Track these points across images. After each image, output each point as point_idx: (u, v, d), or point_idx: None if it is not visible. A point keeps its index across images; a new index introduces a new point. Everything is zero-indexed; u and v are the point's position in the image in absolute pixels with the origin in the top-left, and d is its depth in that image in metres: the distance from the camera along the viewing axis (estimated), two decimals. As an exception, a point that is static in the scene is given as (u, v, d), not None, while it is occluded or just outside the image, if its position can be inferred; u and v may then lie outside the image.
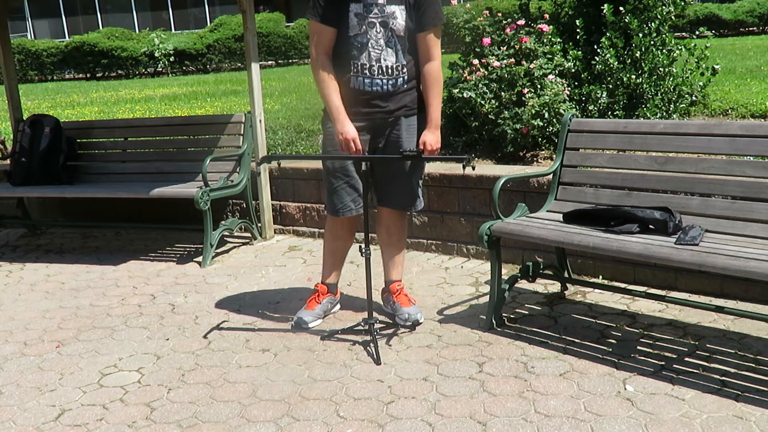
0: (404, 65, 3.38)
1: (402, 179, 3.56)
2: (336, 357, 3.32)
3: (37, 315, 4.13)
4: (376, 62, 3.34)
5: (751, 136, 3.25)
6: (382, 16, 3.30)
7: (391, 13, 3.30)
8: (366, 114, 3.42)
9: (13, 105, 6.15)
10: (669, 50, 5.32)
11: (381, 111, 3.42)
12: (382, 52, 3.33)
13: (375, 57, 3.33)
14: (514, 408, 2.79)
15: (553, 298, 3.92)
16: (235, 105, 9.23)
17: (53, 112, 9.34)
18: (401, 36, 3.33)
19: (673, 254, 2.95)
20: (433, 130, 3.44)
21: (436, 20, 3.35)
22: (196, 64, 20.75)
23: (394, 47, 3.34)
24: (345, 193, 3.54)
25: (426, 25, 3.33)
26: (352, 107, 3.41)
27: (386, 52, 3.34)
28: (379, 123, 3.45)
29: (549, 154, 4.96)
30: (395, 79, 3.38)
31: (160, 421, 2.85)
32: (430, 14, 3.32)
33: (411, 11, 3.32)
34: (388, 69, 3.35)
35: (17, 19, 27.87)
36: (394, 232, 3.70)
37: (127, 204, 5.85)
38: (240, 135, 5.30)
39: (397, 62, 3.36)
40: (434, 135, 3.44)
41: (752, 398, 2.75)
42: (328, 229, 3.76)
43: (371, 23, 3.31)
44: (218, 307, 4.08)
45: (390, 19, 3.30)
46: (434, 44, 3.38)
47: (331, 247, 3.77)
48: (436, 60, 3.39)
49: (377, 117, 3.43)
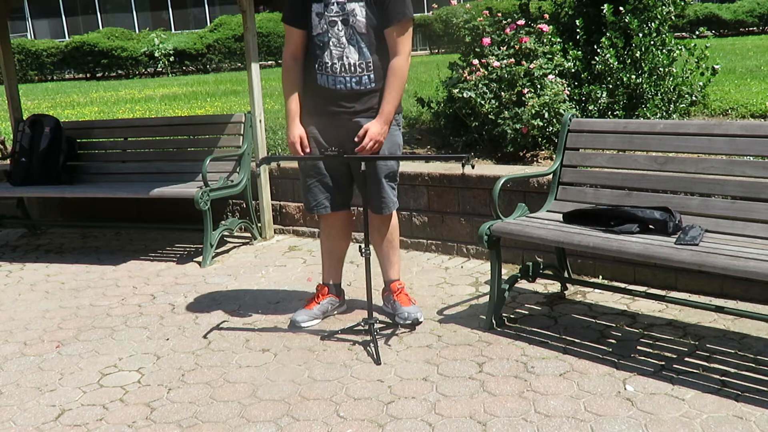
0: (369, 63, 3.35)
1: (370, 182, 3.49)
2: (336, 357, 3.32)
3: (37, 315, 4.13)
4: (339, 60, 3.33)
5: (751, 136, 3.25)
6: (343, 13, 3.30)
7: (351, 10, 3.29)
8: (333, 114, 3.40)
9: (13, 105, 6.15)
10: (669, 50, 5.32)
11: (347, 111, 3.38)
12: (344, 50, 3.33)
13: (337, 55, 3.33)
14: (514, 408, 2.79)
15: (553, 298, 3.92)
16: (235, 105, 9.23)
17: (53, 112, 9.34)
18: (363, 33, 3.31)
19: (673, 254, 2.95)
20: (379, 121, 3.34)
21: (400, 15, 3.30)
22: (196, 64, 20.77)
23: (357, 45, 3.33)
24: (318, 191, 3.57)
25: (390, 21, 3.30)
26: (320, 106, 3.41)
27: (349, 50, 3.33)
28: (346, 124, 3.41)
29: (549, 154, 4.97)
30: (359, 77, 3.35)
31: (160, 421, 2.85)
32: (393, 9, 3.29)
33: (373, 7, 3.30)
34: (351, 66, 3.34)
35: (17, 19, 27.87)
36: (383, 232, 3.67)
37: (127, 204, 5.85)
38: (240, 135, 5.30)
39: (360, 59, 3.34)
40: (378, 125, 3.34)
41: (752, 398, 2.75)
42: (321, 230, 3.79)
43: (332, 21, 3.31)
44: (218, 307, 4.08)
45: (350, 16, 3.30)
46: (400, 40, 3.32)
47: (326, 248, 3.78)
48: (401, 55, 3.33)
49: (344, 117, 3.40)
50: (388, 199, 3.56)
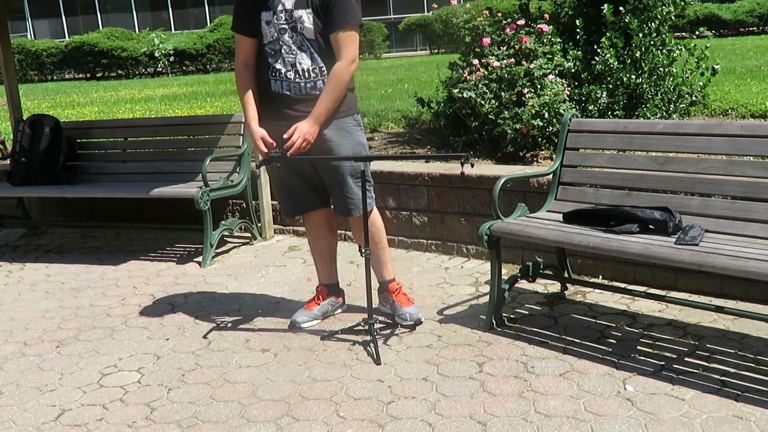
0: (323, 68, 3.35)
1: (335, 185, 3.49)
2: (336, 357, 3.32)
3: (37, 315, 4.13)
4: (292, 66, 3.35)
5: (751, 136, 3.25)
6: (291, 21, 3.32)
7: (298, 17, 3.31)
8: (289, 118, 3.38)
9: (13, 105, 6.15)
10: (669, 50, 5.32)
11: (303, 116, 3.35)
12: (297, 57, 3.34)
13: (290, 62, 3.35)
14: (514, 408, 2.79)
15: (553, 298, 3.92)
16: (235, 105, 9.24)
17: (53, 112, 9.35)
18: (313, 39, 3.33)
19: (673, 254, 2.95)
20: (309, 121, 3.32)
21: (343, 22, 3.30)
22: (196, 64, 20.78)
23: (308, 50, 3.34)
24: (287, 195, 3.67)
25: (333, 27, 3.31)
26: (275, 112, 3.41)
27: (301, 56, 3.34)
28: None
29: (549, 154, 4.97)
30: (313, 81, 3.36)
31: (160, 421, 2.85)
32: (337, 16, 3.29)
33: (319, 13, 3.31)
34: (305, 72, 3.35)
35: (17, 19, 27.88)
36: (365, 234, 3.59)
37: (127, 204, 5.85)
38: (240, 135, 5.30)
39: (313, 65, 3.35)
40: (308, 125, 3.30)
41: (752, 398, 2.75)
42: (307, 232, 3.81)
43: (282, 29, 3.33)
44: (218, 307, 4.08)
45: (298, 23, 3.31)
46: (344, 45, 3.31)
47: (316, 249, 3.79)
48: (343, 60, 3.31)
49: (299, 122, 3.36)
50: (356, 200, 3.47)
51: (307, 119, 3.33)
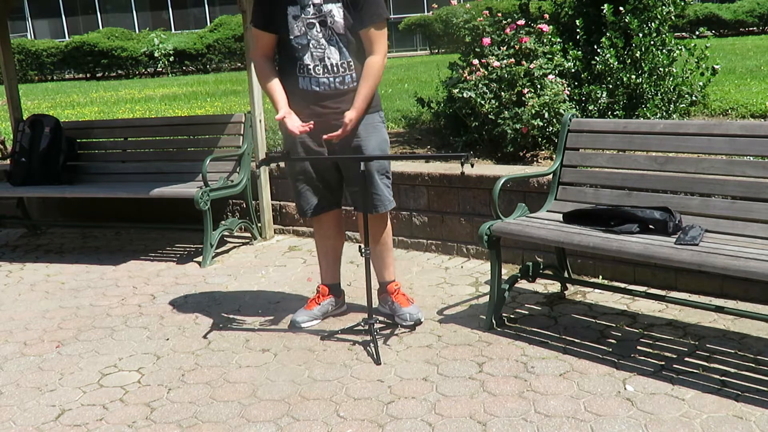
0: (351, 62, 3.36)
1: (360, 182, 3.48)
2: (336, 357, 3.32)
3: (37, 315, 4.13)
4: (320, 61, 3.34)
5: (751, 136, 3.25)
6: (320, 15, 3.31)
7: (328, 11, 3.31)
8: (319, 115, 3.39)
9: (13, 105, 6.15)
10: (669, 50, 5.32)
11: (333, 112, 3.38)
12: (325, 51, 3.34)
13: (318, 56, 3.34)
14: (514, 408, 2.79)
15: (553, 298, 3.92)
16: (235, 105, 9.24)
17: (53, 112, 9.34)
18: (342, 34, 3.33)
19: (673, 254, 2.95)
20: (353, 111, 3.33)
21: (375, 17, 3.32)
22: (196, 64, 20.77)
23: (337, 45, 3.34)
24: (310, 194, 3.59)
25: (365, 22, 3.32)
26: (304, 109, 3.40)
27: (329, 51, 3.34)
28: (333, 124, 3.40)
29: (549, 154, 4.96)
30: (342, 76, 3.37)
31: (160, 421, 2.85)
32: (368, 11, 3.31)
33: (349, 8, 3.31)
34: (333, 67, 3.35)
35: (17, 19, 27.88)
36: (377, 232, 3.65)
37: (127, 204, 5.85)
38: (240, 135, 5.30)
39: (341, 59, 3.35)
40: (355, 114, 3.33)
41: (752, 398, 2.75)
42: (314, 233, 3.80)
43: (310, 23, 3.32)
44: (218, 307, 4.08)
45: (328, 17, 3.31)
46: (376, 40, 3.34)
47: (322, 249, 3.77)
48: (377, 55, 3.35)
49: (330, 117, 3.40)
50: (383, 197, 3.54)
51: (352, 110, 3.33)
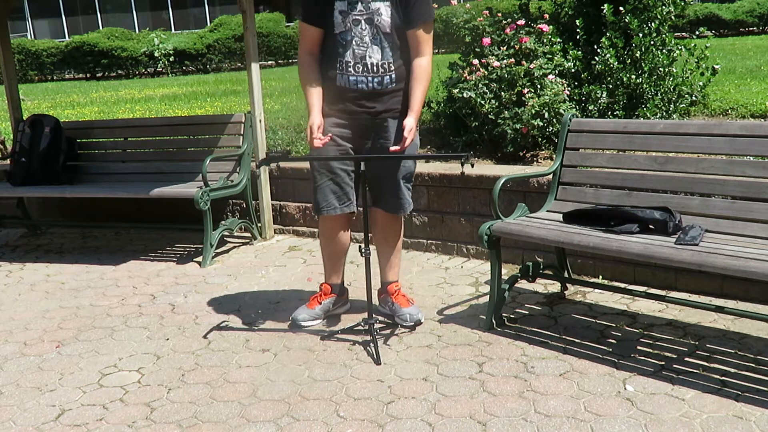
0: (391, 63, 3.33)
1: (388, 182, 3.51)
2: (336, 357, 3.32)
3: (37, 315, 4.13)
4: (361, 60, 3.31)
5: (751, 136, 3.25)
6: (367, 12, 3.28)
7: (376, 9, 3.27)
8: (351, 113, 3.38)
9: (13, 105, 6.15)
10: (669, 50, 5.32)
11: (367, 111, 3.37)
12: (367, 50, 3.30)
13: (360, 54, 3.30)
14: (514, 408, 2.79)
15: (553, 298, 3.92)
16: (235, 105, 9.23)
17: (53, 112, 9.33)
18: (387, 33, 3.29)
19: (673, 254, 2.95)
20: (412, 117, 3.33)
21: (425, 17, 3.30)
22: (196, 64, 20.75)
23: (380, 44, 3.30)
24: (329, 191, 3.49)
25: (414, 22, 3.29)
26: (338, 105, 3.38)
27: (372, 50, 3.30)
28: (364, 124, 3.40)
29: (549, 154, 4.96)
30: (381, 77, 3.33)
31: (160, 421, 2.85)
32: (418, 11, 3.28)
33: (398, 8, 3.28)
34: (374, 66, 3.31)
35: (17, 19, 27.87)
36: (389, 233, 3.68)
37: (127, 204, 5.85)
38: (240, 135, 5.30)
39: (383, 60, 3.31)
40: (413, 121, 3.33)
41: (752, 398, 2.75)
42: (321, 233, 3.74)
43: (356, 20, 3.28)
44: (218, 307, 4.08)
45: (375, 15, 3.27)
46: (424, 41, 3.32)
47: (327, 250, 3.73)
48: (426, 56, 3.33)
49: (363, 117, 3.39)
50: (404, 200, 3.57)
51: (410, 116, 3.32)
